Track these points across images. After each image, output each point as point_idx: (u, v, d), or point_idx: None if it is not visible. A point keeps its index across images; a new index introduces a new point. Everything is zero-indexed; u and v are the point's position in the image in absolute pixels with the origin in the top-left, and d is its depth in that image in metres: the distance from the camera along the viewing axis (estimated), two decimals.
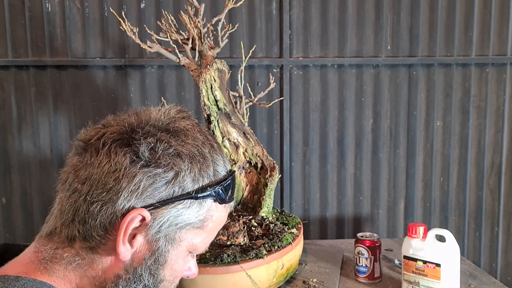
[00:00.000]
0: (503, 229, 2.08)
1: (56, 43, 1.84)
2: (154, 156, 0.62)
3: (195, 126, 0.69)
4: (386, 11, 1.93)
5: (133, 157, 0.62)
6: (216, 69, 1.36)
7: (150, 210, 0.62)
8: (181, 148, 0.64)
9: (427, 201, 2.05)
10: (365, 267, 1.37)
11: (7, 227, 1.91)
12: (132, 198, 0.61)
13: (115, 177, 0.61)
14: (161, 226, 0.63)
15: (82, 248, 0.63)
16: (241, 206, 1.51)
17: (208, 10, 1.76)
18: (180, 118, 0.69)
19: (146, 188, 0.61)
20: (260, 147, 1.47)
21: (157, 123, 0.66)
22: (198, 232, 0.67)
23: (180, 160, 0.63)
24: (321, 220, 2.02)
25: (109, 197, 0.61)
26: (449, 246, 1.21)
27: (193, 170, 0.64)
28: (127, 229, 0.61)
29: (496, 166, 2.05)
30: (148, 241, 0.64)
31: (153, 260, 0.65)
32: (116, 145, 0.62)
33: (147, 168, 0.62)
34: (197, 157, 0.65)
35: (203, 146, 0.67)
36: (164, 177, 0.62)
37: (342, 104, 1.96)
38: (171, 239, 0.65)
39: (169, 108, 0.70)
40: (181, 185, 0.63)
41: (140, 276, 0.65)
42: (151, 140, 0.63)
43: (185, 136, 0.66)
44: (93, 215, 0.61)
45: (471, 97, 2.01)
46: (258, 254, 1.21)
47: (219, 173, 0.68)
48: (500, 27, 1.98)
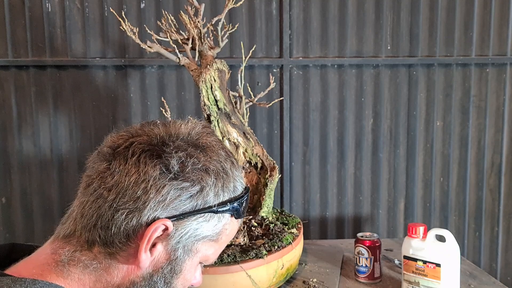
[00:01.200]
0: (503, 229, 2.08)
1: (56, 43, 1.84)
2: (184, 170, 0.64)
3: (219, 143, 0.72)
4: (386, 11, 1.93)
5: (163, 169, 0.63)
6: (216, 69, 1.36)
7: (173, 221, 0.64)
8: (209, 164, 0.67)
9: (427, 201, 2.05)
10: (365, 267, 1.37)
11: (7, 227, 1.91)
12: (158, 208, 0.63)
13: (143, 187, 0.62)
14: (181, 237, 0.65)
15: (100, 252, 0.64)
16: None
17: (208, 10, 1.76)
18: (206, 133, 0.71)
19: (172, 200, 0.63)
20: (260, 147, 1.47)
21: (187, 138, 0.68)
22: (212, 244, 0.70)
23: (207, 175, 0.66)
24: (321, 220, 2.02)
25: (136, 206, 0.62)
26: (449, 246, 1.21)
27: (217, 185, 0.67)
28: (151, 238, 0.63)
29: (496, 166, 2.05)
30: (167, 250, 0.66)
31: (169, 269, 0.67)
32: (146, 156, 0.64)
33: (175, 181, 0.63)
34: (221, 173, 0.68)
35: (226, 162, 0.69)
36: (191, 190, 0.64)
37: (342, 104, 1.96)
38: (189, 250, 0.67)
39: (195, 123, 0.72)
40: (204, 199, 0.66)
41: (155, 284, 0.66)
42: (182, 155, 0.65)
43: (211, 152, 0.68)
44: (117, 223, 0.63)
45: (471, 97, 2.01)
46: (258, 254, 1.21)
47: (238, 189, 0.71)
48: (500, 27, 1.98)
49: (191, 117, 0.75)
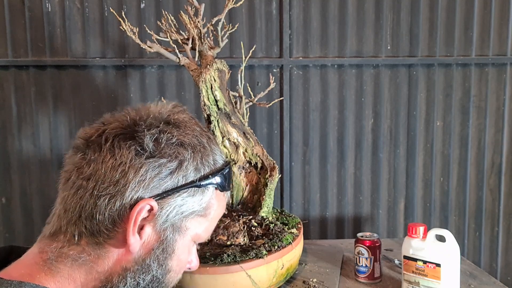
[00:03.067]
0: (503, 229, 2.08)
1: (56, 43, 1.84)
2: (158, 146, 0.64)
3: (192, 119, 0.72)
4: (386, 11, 1.93)
5: (138, 149, 0.63)
6: (216, 69, 1.36)
7: (157, 200, 0.64)
8: (183, 138, 0.67)
9: (427, 201, 2.05)
10: (365, 267, 1.37)
11: (7, 226, 1.91)
12: (139, 189, 0.63)
13: (121, 170, 0.62)
14: (168, 215, 0.65)
15: (88, 244, 0.64)
16: (241, 206, 1.51)
17: (208, 10, 1.76)
18: (177, 111, 0.71)
19: (152, 178, 0.63)
20: (260, 147, 1.47)
21: (158, 116, 0.68)
22: (201, 220, 0.70)
23: (183, 149, 0.66)
24: (321, 220, 2.02)
25: (117, 189, 0.62)
26: (449, 246, 1.21)
27: (195, 159, 0.67)
28: (137, 220, 0.62)
29: (496, 166, 2.05)
30: (156, 231, 0.65)
31: (161, 249, 0.66)
32: (119, 139, 0.64)
33: (152, 159, 0.63)
34: (198, 146, 0.68)
35: (201, 137, 0.70)
36: (169, 166, 0.64)
37: (342, 104, 1.96)
38: (178, 228, 0.67)
39: (165, 103, 0.72)
40: (184, 174, 0.65)
41: (149, 267, 0.66)
42: (154, 131, 0.65)
43: (185, 127, 0.68)
44: (100, 209, 0.62)
45: (471, 97, 2.01)
46: (258, 254, 1.21)
47: (218, 162, 0.71)
48: (500, 27, 1.98)
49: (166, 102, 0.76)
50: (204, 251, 1.24)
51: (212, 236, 1.29)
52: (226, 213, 1.45)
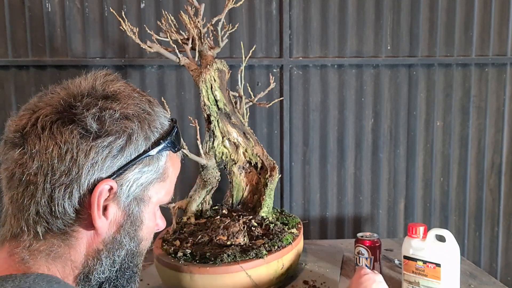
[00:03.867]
0: (503, 229, 2.08)
1: (56, 43, 1.84)
2: (103, 125, 0.61)
3: (127, 86, 0.69)
4: (386, 11, 1.93)
5: (82, 132, 0.60)
6: (216, 69, 1.36)
7: (115, 178, 0.62)
8: (126, 110, 0.64)
9: (427, 201, 2.05)
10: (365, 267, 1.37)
11: None
12: (94, 172, 0.61)
13: (70, 157, 0.59)
14: (129, 190, 0.64)
15: (56, 237, 0.62)
16: (241, 206, 1.51)
17: (208, 10, 1.76)
18: (110, 81, 0.68)
19: (104, 158, 0.61)
20: (260, 147, 1.47)
21: (92, 92, 0.65)
22: (161, 185, 0.69)
23: (129, 122, 0.64)
24: (321, 220, 2.02)
25: (70, 178, 0.60)
26: (449, 246, 1.21)
27: (143, 128, 0.65)
28: (99, 203, 0.61)
29: (496, 166, 2.05)
30: (121, 208, 0.65)
31: (130, 224, 0.66)
32: (58, 125, 0.60)
33: (100, 139, 0.61)
34: (142, 114, 0.66)
35: (143, 103, 0.67)
36: (119, 143, 0.62)
37: (342, 104, 1.96)
38: (141, 199, 0.67)
39: (94, 75, 0.68)
40: (136, 146, 0.64)
41: (121, 243, 0.66)
42: (95, 111, 0.61)
43: (124, 98, 0.66)
44: (58, 201, 0.60)
45: (471, 97, 2.01)
46: (258, 254, 1.21)
47: (165, 124, 0.70)
48: (500, 27, 1.98)
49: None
50: (204, 251, 1.24)
51: (212, 236, 1.29)
52: (226, 213, 1.46)
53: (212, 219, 1.40)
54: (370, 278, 1.05)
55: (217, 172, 1.44)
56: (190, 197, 1.47)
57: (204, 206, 1.48)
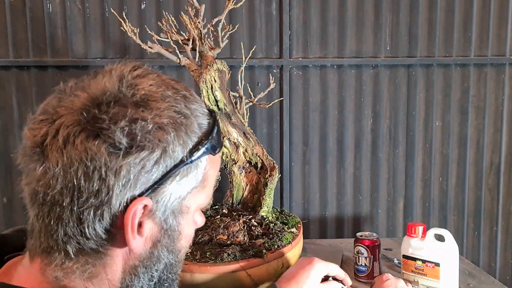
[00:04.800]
0: (501, 229, 2.09)
1: (57, 43, 1.85)
2: (134, 139, 0.54)
3: (158, 81, 0.60)
4: (385, 11, 1.93)
5: (110, 148, 0.53)
6: (217, 69, 1.37)
7: (149, 194, 0.56)
8: (160, 119, 0.56)
9: (426, 201, 2.05)
10: (364, 267, 1.38)
11: (8, 226, 1.90)
12: (126, 191, 0.54)
13: (98, 177, 0.53)
14: (165, 205, 0.58)
15: (89, 255, 0.57)
16: (241, 205, 1.52)
17: (208, 11, 1.76)
18: (140, 78, 0.59)
19: (137, 176, 0.54)
20: (260, 147, 1.48)
21: (120, 98, 0.56)
22: (200, 191, 0.63)
23: (164, 132, 0.56)
24: (320, 220, 2.02)
25: (100, 200, 0.54)
26: (448, 246, 1.21)
27: (179, 136, 0.57)
28: (133, 223, 0.56)
29: (495, 166, 2.06)
30: (157, 223, 0.59)
31: (167, 237, 0.61)
32: (81, 139, 0.53)
33: (131, 156, 0.53)
34: (178, 119, 0.57)
35: (178, 102, 0.59)
36: (153, 157, 0.55)
37: (341, 104, 1.97)
38: (179, 211, 0.61)
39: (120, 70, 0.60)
40: (172, 156, 0.57)
41: (159, 257, 0.61)
42: (124, 124, 0.53)
43: (156, 102, 0.57)
44: (88, 224, 0.55)
45: (470, 97, 2.02)
46: (258, 253, 1.22)
47: (203, 125, 0.61)
48: (499, 28, 1.99)
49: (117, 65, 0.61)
50: (205, 250, 1.24)
51: (213, 236, 1.30)
52: (226, 213, 1.46)
53: (212, 219, 1.41)
54: (392, 284, 1.05)
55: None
56: None
57: None
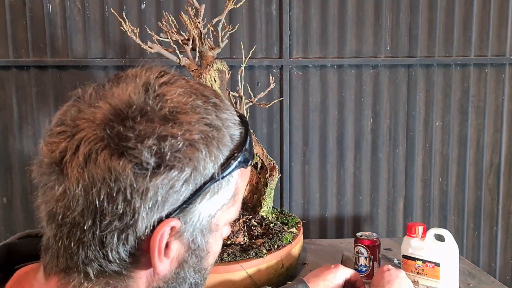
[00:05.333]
0: (502, 229, 2.09)
1: (57, 43, 1.85)
2: (163, 159, 0.49)
3: (187, 88, 0.54)
4: (385, 11, 1.93)
5: (136, 169, 0.48)
6: (216, 69, 1.37)
7: (177, 215, 0.51)
8: (190, 135, 0.50)
9: (426, 201, 2.05)
10: (364, 266, 1.38)
11: (8, 226, 1.91)
12: (153, 213, 0.50)
13: (122, 198, 0.48)
14: (194, 225, 0.54)
15: (110, 277, 0.53)
16: (241, 205, 1.52)
17: (208, 10, 1.76)
18: (167, 86, 0.53)
19: (165, 197, 0.50)
20: (260, 147, 1.48)
21: (146, 112, 0.50)
22: (230, 207, 0.58)
23: (195, 149, 0.50)
24: (320, 220, 2.02)
25: (125, 223, 0.49)
26: (448, 246, 1.21)
27: (211, 152, 0.52)
28: (160, 246, 0.51)
29: (495, 166, 2.06)
30: (185, 243, 0.55)
31: (194, 257, 0.56)
32: (104, 157, 0.48)
33: (159, 177, 0.49)
34: (209, 133, 0.52)
35: (208, 113, 0.53)
36: (183, 177, 0.50)
37: (341, 104, 1.97)
38: (208, 230, 0.56)
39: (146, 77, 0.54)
40: (202, 173, 0.51)
41: (184, 277, 0.57)
42: (152, 143, 0.48)
43: (186, 114, 0.51)
44: (112, 248, 0.50)
45: (470, 97, 2.02)
46: (258, 253, 1.22)
47: (235, 136, 0.56)
48: (499, 28, 1.99)
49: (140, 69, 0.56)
50: None
51: None
52: None
53: None
54: (392, 274, 1.06)
55: None
56: None
57: None
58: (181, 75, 0.57)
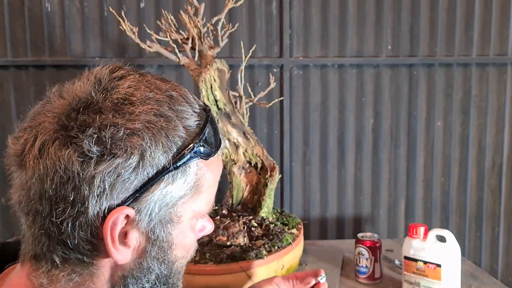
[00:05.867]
0: (504, 230, 2.08)
1: (56, 42, 1.84)
2: (105, 146, 0.51)
3: (140, 83, 0.57)
4: (387, 11, 1.92)
5: (81, 157, 0.51)
6: (216, 68, 1.36)
7: (130, 204, 0.53)
8: (133, 124, 0.53)
9: (427, 202, 2.04)
10: (365, 268, 1.37)
11: (7, 227, 1.90)
12: (102, 201, 0.52)
13: (72, 187, 0.51)
14: (150, 215, 0.55)
15: (75, 264, 0.55)
16: (241, 206, 1.51)
17: (208, 9, 1.75)
18: (116, 81, 0.56)
19: (113, 185, 0.52)
20: (260, 147, 1.47)
21: (90, 104, 0.53)
22: (195, 198, 0.59)
23: (138, 137, 0.52)
24: (321, 221, 2.01)
25: (76, 210, 0.52)
26: (450, 247, 1.20)
27: (158, 141, 0.53)
28: (113, 235, 0.53)
29: (497, 166, 2.05)
30: (144, 233, 0.56)
31: (157, 248, 0.58)
32: (55, 148, 0.51)
33: (104, 164, 0.51)
34: (157, 123, 0.54)
35: (160, 105, 0.55)
36: (129, 164, 0.52)
37: (342, 104, 1.96)
38: (168, 221, 0.57)
39: (98, 73, 0.57)
40: (152, 163, 0.53)
41: (149, 268, 0.58)
42: (92, 132, 0.51)
43: (131, 105, 0.54)
44: (69, 235, 0.53)
45: (472, 97, 2.00)
46: (258, 254, 1.21)
47: (191, 127, 0.57)
48: (501, 27, 1.97)
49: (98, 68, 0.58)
50: (204, 251, 1.23)
51: (212, 237, 1.29)
52: (226, 214, 1.45)
53: (212, 220, 1.40)
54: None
55: None
56: None
57: None
58: (139, 71, 0.60)
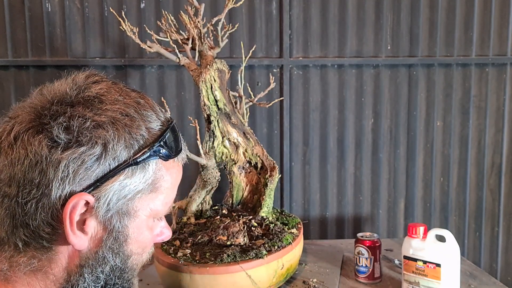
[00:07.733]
0: (503, 229, 2.08)
1: (56, 43, 1.84)
2: (72, 135, 0.57)
3: (111, 88, 0.64)
4: (386, 11, 1.93)
5: (50, 143, 0.57)
6: (216, 69, 1.36)
7: (90, 191, 0.58)
8: (99, 117, 0.59)
9: (427, 201, 2.04)
10: (365, 267, 1.37)
11: None
12: (65, 185, 0.57)
13: (39, 170, 0.56)
14: (109, 204, 0.60)
15: (35, 249, 0.60)
16: (241, 206, 1.51)
17: (208, 10, 1.76)
18: (90, 84, 0.63)
19: (76, 171, 0.57)
20: (260, 147, 1.47)
21: (63, 99, 0.60)
22: (152, 196, 0.64)
23: (103, 130, 0.58)
24: (321, 220, 2.02)
25: (41, 192, 0.57)
26: (449, 246, 1.21)
27: (121, 136, 0.60)
28: (72, 218, 0.58)
29: (496, 166, 2.05)
30: (101, 222, 0.60)
31: (113, 239, 0.62)
32: (28, 135, 0.57)
33: (69, 151, 0.57)
34: (121, 121, 0.60)
35: (127, 107, 0.62)
36: (93, 153, 0.58)
37: (342, 104, 1.96)
38: (125, 213, 0.62)
39: (76, 76, 0.65)
40: (114, 155, 0.59)
41: (104, 258, 0.62)
42: (62, 120, 0.57)
43: (100, 103, 0.61)
44: (31, 216, 0.57)
45: (471, 97, 2.01)
46: (258, 254, 1.21)
47: (153, 129, 0.63)
48: (500, 27, 1.98)
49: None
50: (204, 251, 1.24)
51: (212, 236, 1.29)
52: (226, 213, 1.45)
53: (212, 219, 1.40)
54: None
55: (217, 172, 1.44)
56: (190, 197, 1.47)
57: (204, 206, 1.48)
58: (114, 80, 0.67)
